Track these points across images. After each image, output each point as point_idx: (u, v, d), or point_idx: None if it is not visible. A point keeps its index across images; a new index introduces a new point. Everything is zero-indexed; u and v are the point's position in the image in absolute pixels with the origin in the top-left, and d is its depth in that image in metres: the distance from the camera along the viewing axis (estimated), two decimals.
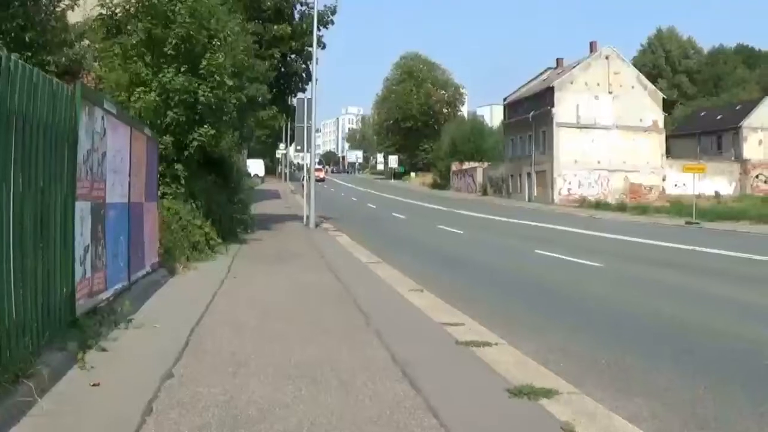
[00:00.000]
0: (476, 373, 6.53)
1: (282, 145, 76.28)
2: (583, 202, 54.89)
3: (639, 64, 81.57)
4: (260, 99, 23.56)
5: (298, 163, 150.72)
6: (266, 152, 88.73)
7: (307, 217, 28.31)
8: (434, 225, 31.18)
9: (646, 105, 59.46)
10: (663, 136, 60.50)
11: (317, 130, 29.97)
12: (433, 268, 16.09)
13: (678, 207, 44.88)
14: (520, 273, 15.56)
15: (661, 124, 60.18)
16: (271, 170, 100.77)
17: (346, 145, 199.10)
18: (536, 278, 14.66)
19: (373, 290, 11.82)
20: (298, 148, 28.91)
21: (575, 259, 17.68)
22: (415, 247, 21.36)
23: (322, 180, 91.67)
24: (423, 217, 37.54)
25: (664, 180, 59.40)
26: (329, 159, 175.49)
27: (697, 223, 36.66)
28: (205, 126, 16.48)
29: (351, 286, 12.09)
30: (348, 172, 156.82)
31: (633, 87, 59.50)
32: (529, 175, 62.91)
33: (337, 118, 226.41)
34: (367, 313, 9.49)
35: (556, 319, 10.13)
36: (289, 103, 31.28)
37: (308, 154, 29.44)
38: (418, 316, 9.42)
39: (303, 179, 35.67)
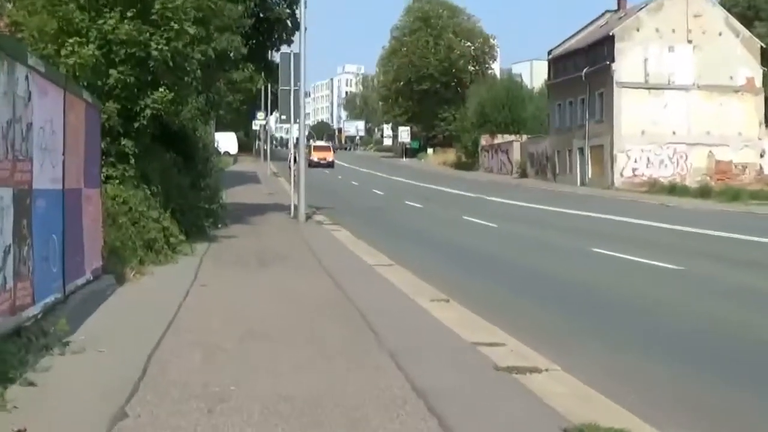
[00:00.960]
0: (523, 408, 6.52)
1: (260, 115, 76.06)
2: (653, 186, 54.85)
3: (729, 3, 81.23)
4: (233, 54, 23.53)
5: (280, 137, 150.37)
6: (240, 124, 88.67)
7: (295, 207, 28.37)
8: (459, 216, 31.38)
9: (738, 57, 59.32)
10: (761, 98, 60.29)
11: (306, 95, 29.65)
12: (460, 271, 16.14)
13: None
14: (573, 278, 15.59)
15: (758, 83, 60.00)
16: (246, 146, 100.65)
17: (343, 114, 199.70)
18: (594, 284, 14.73)
19: (384, 300, 11.88)
20: (283, 117, 28.87)
21: (645, 260, 17.73)
22: (435, 245, 21.47)
23: (329, 164, 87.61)
24: (445, 206, 37.75)
25: (762, 156, 59.31)
26: (321, 131, 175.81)
27: None
28: (161, 89, 16.44)
29: (355, 295, 12.15)
30: (346, 148, 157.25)
31: (720, 34, 59.36)
32: (581, 150, 62.91)
33: (331, 80, 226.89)
34: (378, 330, 9.49)
35: (623, 338, 10.12)
36: (270, 59, 31.13)
37: (296, 126, 29.38)
38: (444, 334, 9.45)
39: (291, 160, 35.42)
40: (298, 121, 28.17)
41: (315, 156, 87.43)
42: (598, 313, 12.00)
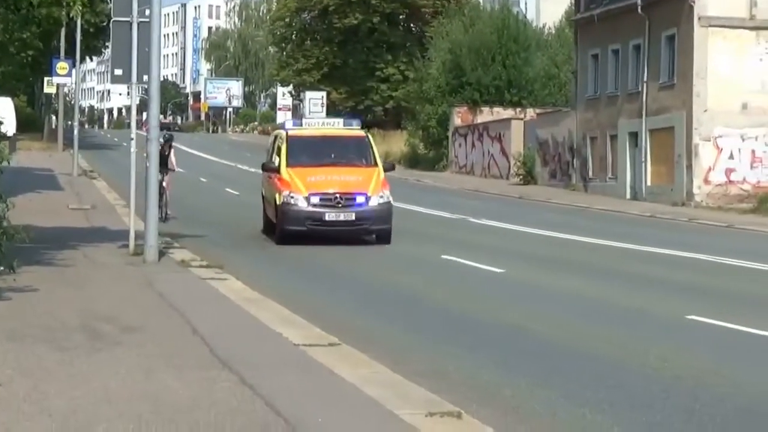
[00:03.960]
0: None
1: (61, 66, 51.96)
2: (765, 202, 39.43)
3: None
4: None
5: (90, 106, 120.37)
6: (20, 83, 63.26)
7: (138, 236, 19.90)
8: (435, 253, 22.76)
9: None
10: None
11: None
12: (460, 353, 11.32)
13: None
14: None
15: None
16: (29, 123, 69.40)
17: (204, 69, 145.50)
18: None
19: (345, 421, 7.83)
20: (118, 73, 20.88)
21: None
22: (402, 300, 16.26)
23: (370, 224, 22.87)
24: (408, 235, 27.11)
25: None
26: (164, 98, 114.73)
27: None
28: None
29: (286, 407, 8.04)
30: (212, 129, 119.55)
31: None
32: (634, 137, 46.06)
33: (183, 7, 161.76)
34: None
35: None
36: None
37: (143, 88, 20.71)
38: None
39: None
40: (147, 79, 19.88)
41: (302, 187, 21.82)
42: None
